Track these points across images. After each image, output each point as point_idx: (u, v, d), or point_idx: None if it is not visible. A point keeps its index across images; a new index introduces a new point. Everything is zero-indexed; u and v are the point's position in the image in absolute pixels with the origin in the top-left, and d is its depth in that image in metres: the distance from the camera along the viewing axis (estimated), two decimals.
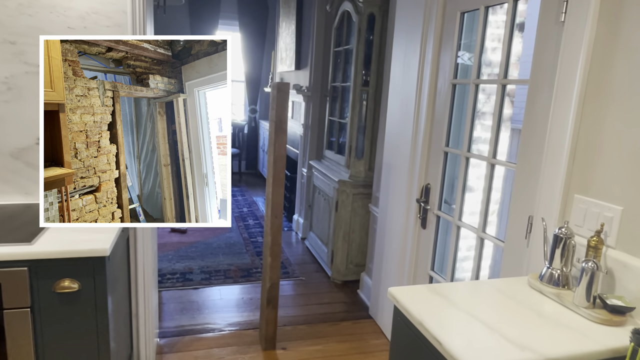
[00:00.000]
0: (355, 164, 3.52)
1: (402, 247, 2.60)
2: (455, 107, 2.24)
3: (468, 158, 2.12)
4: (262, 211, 5.64)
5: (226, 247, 4.28)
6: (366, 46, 3.37)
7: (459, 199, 2.17)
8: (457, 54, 2.18)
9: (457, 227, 2.18)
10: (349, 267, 3.62)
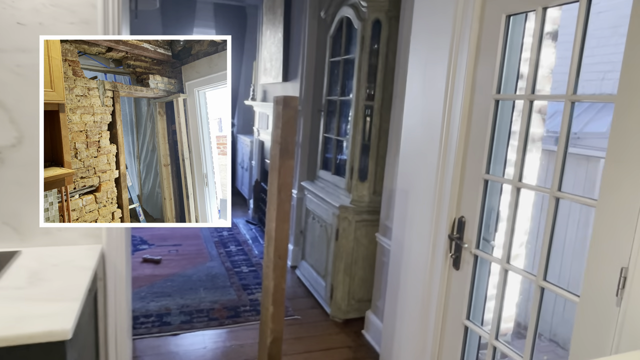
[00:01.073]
0: (357, 187, 3.13)
1: (426, 289, 2.22)
2: (499, 127, 1.89)
3: (519, 189, 1.76)
4: (244, 235, 5.16)
5: (207, 280, 3.79)
6: (371, 56, 3.01)
7: (507, 236, 1.80)
8: (502, 65, 1.83)
9: (505, 271, 1.81)
10: (350, 303, 3.21)
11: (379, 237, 2.93)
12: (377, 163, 3.08)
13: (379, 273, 2.95)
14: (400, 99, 2.73)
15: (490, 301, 2.09)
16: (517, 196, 1.77)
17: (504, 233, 1.83)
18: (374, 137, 3.05)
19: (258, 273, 4.02)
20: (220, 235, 5.06)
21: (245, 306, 3.37)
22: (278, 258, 2.05)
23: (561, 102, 1.55)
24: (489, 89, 1.88)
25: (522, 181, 1.75)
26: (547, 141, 3.11)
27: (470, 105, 1.98)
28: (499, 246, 2.00)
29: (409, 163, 2.39)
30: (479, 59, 1.93)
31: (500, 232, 2.00)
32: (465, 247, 1.97)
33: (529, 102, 1.71)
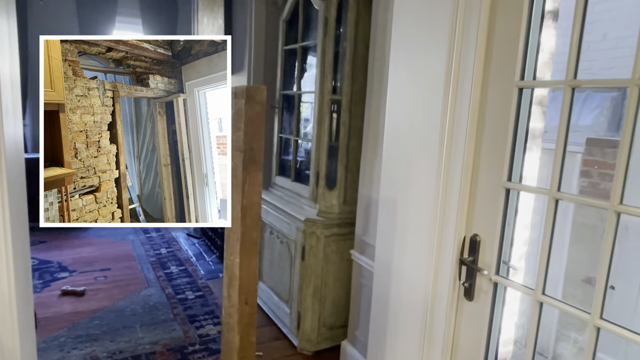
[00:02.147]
0: (325, 197, 2.66)
1: (427, 324, 1.80)
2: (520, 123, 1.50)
3: (558, 200, 1.38)
4: (186, 251, 4.52)
5: (145, 313, 3.15)
6: (336, 42, 2.55)
7: (542, 261, 1.42)
8: (527, 43, 1.45)
9: (540, 304, 1.43)
10: (321, 331, 2.74)
11: (355, 254, 2.49)
12: (347, 168, 2.63)
13: (356, 297, 2.50)
14: (377, 92, 2.30)
15: (510, 339, 1.72)
16: (555, 210, 1.39)
17: (531, 256, 1.45)
18: (342, 137, 2.60)
19: (206, 299, 3.44)
20: (157, 254, 4.39)
21: (193, 345, 2.79)
22: (244, 304, 1.54)
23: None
24: (509, 75, 1.49)
25: (560, 190, 1.38)
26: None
27: (482, 96, 1.58)
28: (519, 269, 1.64)
29: (395, 168, 1.96)
30: (495, 37, 1.53)
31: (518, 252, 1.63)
32: (485, 273, 1.57)
33: (570, 90, 1.33)
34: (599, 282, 1.27)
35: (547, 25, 1.48)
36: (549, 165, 1.43)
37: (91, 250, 4.40)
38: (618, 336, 1.24)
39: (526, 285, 1.49)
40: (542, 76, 1.52)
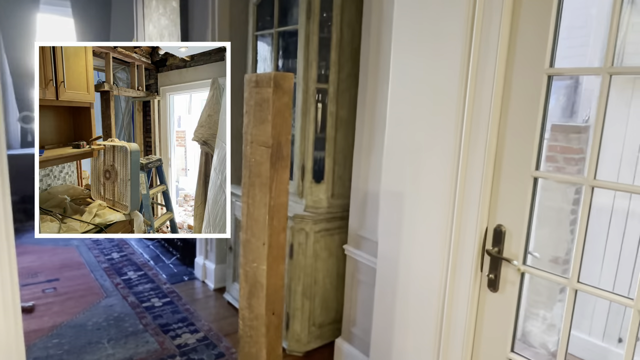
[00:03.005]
0: (312, 191, 2.54)
1: (445, 317, 1.76)
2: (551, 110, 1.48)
3: (594, 188, 1.38)
4: (141, 255, 4.19)
5: (110, 327, 2.86)
6: (321, 28, 2.42)
7: (579, 249, 1.42)
8: (557, 27, 1.42)
9: (575, 291, 1.43)
10: (311, 330, 2.64)
11: (349, 249, 2.40)
12: (335, 160, 2.52)
13: (352, 293, 2.42)
14: (373, 80, 2.21)
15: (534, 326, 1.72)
16: (592, 198, 1.39)
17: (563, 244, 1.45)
18: (329, 128, 2.48)
19: (176, 305, 3.19)
20: (109, 260, 4.02)
21: (173, 357, 2.57)
22: (272, 314, 1.39)
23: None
24: (538, 61, 1.46)
25: (596, 179, 1.37)
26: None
27: (507, 83, 1.54)
28: (542, 259, 1.64)
29: (400, 159, 1.89)
30: (520, 21, 1.49)
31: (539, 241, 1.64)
32: (515, 264, 1.55)
33: (608, 77, 1.32)
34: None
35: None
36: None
37: (31, 259, 3.93)
38: None
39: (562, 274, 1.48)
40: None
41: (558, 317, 3.51)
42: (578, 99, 3.51)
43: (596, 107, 1.31)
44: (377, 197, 2.30)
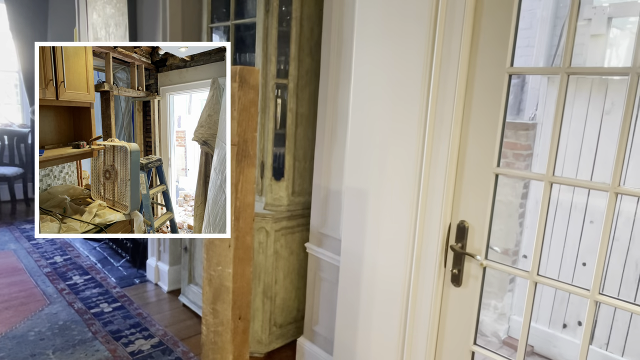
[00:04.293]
0: (272, 188, 2.49)
1: (410, 312, 1.78)
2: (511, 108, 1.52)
3: (552, 183, 1.42)
4: (87, 257, 3.96)
5: (55, 336, 2.67)
6: (280, 21, 2.36)
7: (538, 243, 1.46)
8: (517, 27, 1.45)
9: (535, 284, 1.48)
10: (272, 330, 2.59)
11: (311, 248, 2.37)
12: (295, 157, 2.48)
13: (314, 292, 2.40)
14: (334, 75, 2.18)
15: (493, 319, 1.77)
16: (550, 194, 1.44)
17: (512, 236, 1.49)
18: (289, 124, 2.43)
19: (127, 310, 3.04)
20: (52, 264, 3.76)
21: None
22: (238, 319, 1.34)
23: None
24: (499, 61, 1.49)
25: (555, 175, 1.42)
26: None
27: (469, 81, 1.56)
28: (505, 254, 1.69)
29: (364, 156, 1.88)
30: (483, 16, 1.51)
31: (499, 237, 1.68)
32: (478, 258, 1.58)
33: (566, 77, 1.36)
34: (599, 260, 1.34)
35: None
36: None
37: None
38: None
39: (523, 268, 1.53)
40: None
41: (508, 307, 3.67)
42: (525, 97, 3.67)
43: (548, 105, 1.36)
44: (339, 194, 2.28)
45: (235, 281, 1.31)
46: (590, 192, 2.87)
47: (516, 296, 3.39)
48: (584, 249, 2.97)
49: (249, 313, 1.38)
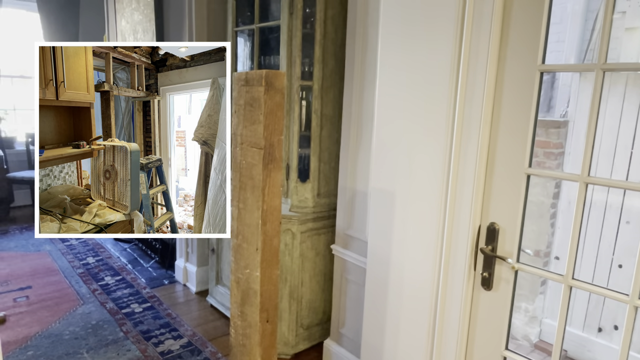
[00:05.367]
0: (298, 190, 2.49)
1: (438, 316, 1.75)
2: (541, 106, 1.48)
3: (588, 184, 1.37)
4: (118, 258, 4.06)
5: (89, 335, 2.74)
6: (304, 23, 2.36)
7: (573, 246, 1.42)
8: (548, 22, 1.41)
9: (570, 288, 1.43)
10: (299, 332, 2.59)
11: (337, 249, 2.36)
12: (320, 158, 2.48)
13: (340, 294, 2.39)
14: (359, 76, 2.17)
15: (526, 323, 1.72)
16: (585, 195, 1.39)
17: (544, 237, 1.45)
18: (314, 126, 2.43)
19: (157, 310, 3.10)
20: (85, 265, 3.87)
21: None
22: (266, 322, 1.34)
23: None
24: (530, 58, 1.44)
25: (590, 175, 1.37)
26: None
27: (499, 79, 1.52)
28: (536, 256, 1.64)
29: (390, 157, 1.86)
30: (512, 17, 1.47)
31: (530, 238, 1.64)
32: (510, 261, 1.54)
33: (602, 74, 1.31)
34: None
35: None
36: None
37: (1, 266, 3.75)
38: None
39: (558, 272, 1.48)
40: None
41: (540, 310, 3.57)
42: (555, 94, 3.57)
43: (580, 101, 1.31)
44: (365, 195, 2.27)
45: (263, 284, 1.32)
46: (627, 192, 2.76)
47: (548, 299, 3.29)
48: (620, 250, 2.86)
49: (276, 316, 1.38)
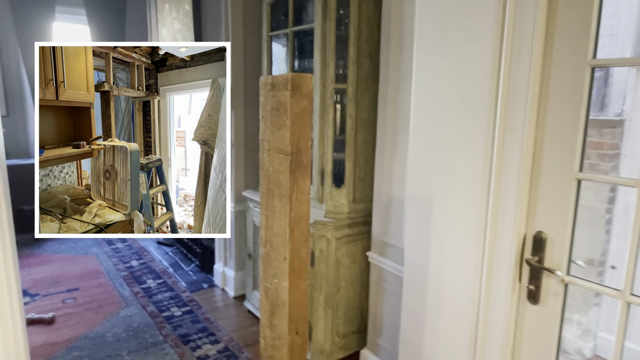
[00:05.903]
0: (332, 196, 2.44)
1: (480, 330, 1.64)
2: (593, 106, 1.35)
3: None
4: (160, 262, 4.15)
5: (130, 338, 2.80)
6: (338, 25, 2.31)
7: (632, 257, 1.28)
8: (600, 14, 1.29)
9: (627, 304, 1.30)
10: (335, 340, 2.53)
11: (373, 257, 2.29)
12: (355, 163, 2.42)
13: (377, 303, 2.31)
14: (394, 78, 2.10)
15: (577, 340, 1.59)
16: None
17: (598, 245, 1.32)
18: (349, 129, 2.37)
19: (195, 314, 3.13)
20: (129, 267, 3.98)
21: None
22: (295, 334, 1.30)
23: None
24: (579, 52, 1.33)
25: None
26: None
27: (544, 76, 1.41)
28: (589, 265, 1.51)
29: (427, 160, 1.77)
30: (559, 4, 1.36)
31: (582, 245, 1.51)
32: (558, 274, 1.42)
33: None
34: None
35: None
36: None
37: (52, 268, 3.92)
38: None
39: (613, 286, 1.35)
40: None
41: (594, 322, 3.33)
42: (609, 91, 3.33)
43: (638, 99, 1.18)
44: (401, 201, 2.18)
45: (292, 295, 1.27)
46: None
47: (603, 311, 3.07)
48: None
49: (306, 328, 1.34)
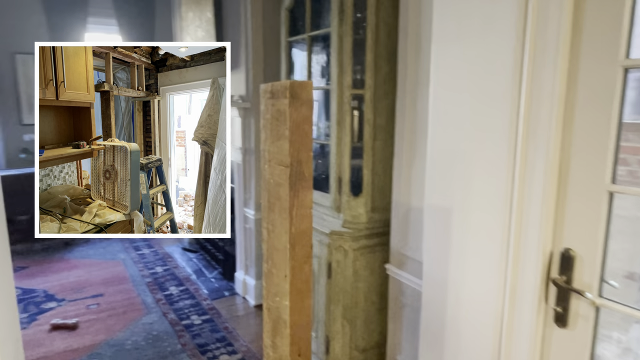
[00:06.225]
0: (350, 205, 2.35)
1: (503, 354, 1.52)
2: None
3: None
4: (184, 268, 4.16)
5: (149, 346, 2.80)
6: (355, 29, 2.24)
7: None
8: (633, 9, 1.16)
9: None
10: (353, 355, 2.44)
11: (392, 270, 2.19)
12: (374, 171, 2.33)
13: (396, 318, 2.21)
14: (412, 83, 2.00)
15: None
16: None
17: None
18: (367, 136, 2.29)
19: (215, 323, 3.10)
20: (153, 274, 4.02)
21: None
22: (297, 355, 1.22)
23: None
24: (610, 52, 1.20)
25: None
26: None
27: (571, 79, 1.29)
28: (629, 279, 1.38)
29: (446, 170, 1.67)
30: (587, 4, 1.24)
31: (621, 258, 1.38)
32: (588, 296, 1.29)
33: None
34: None
35: None
36: None
37: (79, 273, 4.00)
38: None
39: None
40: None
41: (635, 341, 3.10)
42: None
43: None
44: (420, 211, 2.08)
45: (293, 314, 1.20)
46: None
47: None
48: None
49: (309, 349, 1.26)
